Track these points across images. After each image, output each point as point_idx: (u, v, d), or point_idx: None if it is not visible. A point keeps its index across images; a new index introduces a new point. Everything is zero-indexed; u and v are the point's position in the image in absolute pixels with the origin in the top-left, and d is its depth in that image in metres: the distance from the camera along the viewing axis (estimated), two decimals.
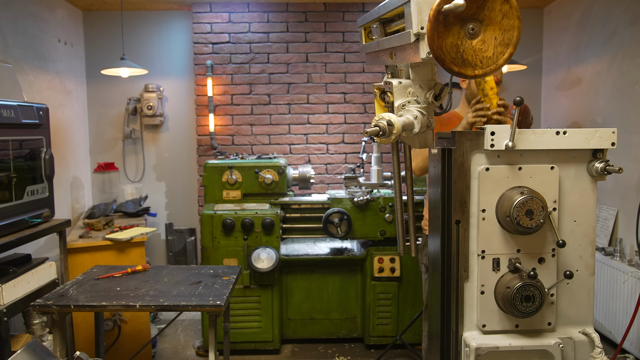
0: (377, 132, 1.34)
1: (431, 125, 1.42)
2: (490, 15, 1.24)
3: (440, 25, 1.21)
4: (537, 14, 4.55)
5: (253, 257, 3.41)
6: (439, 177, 2.05)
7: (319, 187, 4.45)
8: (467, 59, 1.25)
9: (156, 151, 4.60)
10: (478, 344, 1.92)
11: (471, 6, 1.22)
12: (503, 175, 1.88)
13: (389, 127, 1.33)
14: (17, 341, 2.55)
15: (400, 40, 1.37)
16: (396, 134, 1.34)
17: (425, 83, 1.38)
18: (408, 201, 1.75)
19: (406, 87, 1.45)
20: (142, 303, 2.20)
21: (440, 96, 1.35)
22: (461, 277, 2.02)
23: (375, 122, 1.36)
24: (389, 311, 3.54)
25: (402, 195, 1.79)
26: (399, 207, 1.74)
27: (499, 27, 1.25)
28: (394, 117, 1.34)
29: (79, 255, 3.26)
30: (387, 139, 1.36)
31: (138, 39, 4.48)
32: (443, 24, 1.21)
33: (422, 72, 1.39)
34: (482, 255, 1.95)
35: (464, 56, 1.25)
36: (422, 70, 1.39)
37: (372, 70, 4.45)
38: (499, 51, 1.23)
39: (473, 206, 1.94)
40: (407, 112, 1.43)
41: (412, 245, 1.70)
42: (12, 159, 2.50)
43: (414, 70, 1.38)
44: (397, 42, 1.40)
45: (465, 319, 2.02)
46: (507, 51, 1.24)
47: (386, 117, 1.34)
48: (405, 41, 1.33)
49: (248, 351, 3.58)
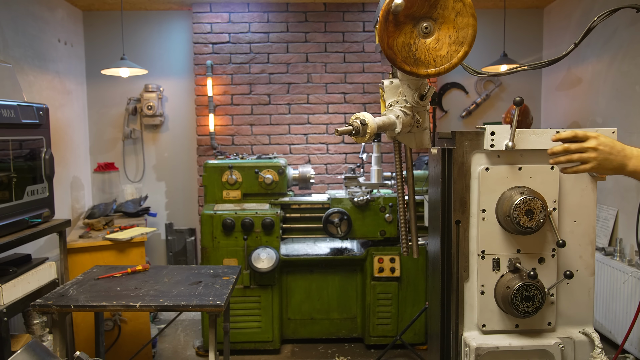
0: (350, 131, 1.35)
1: (421, 125, 1.42)
2: (443, 13, 1.24)
3: (391, 25, 1.21)
4: (537, 14, 4.55)
5: (253, 257, 3.41)
6: (439, 177, 2.05)
7: (319, 187, 4.46)
8: (419, 58, 1.25)
9: (156, 151, 4.60)
10: (478, 344, 1.92)
11: (423, 5, 1.22)
12: (503, 175, 1.88)
13: (363, 126, 1.34)
14: (17, 341, 2.55)
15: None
16: (370, 133, 1.34)
17: (412, 82, 1.39)
18: (409, 201, 1.74)
19: (397, 87, 1.47)
20: (142, 303, 2.20)
21: (426, 96, 1.35)
22: (461, 277, 2.02)
23: (350, 122, 1.38)
24: (389, 311, 3.54)
25: (405, 195, 1.79)
26: (401, 208, 1.74)
27: (453, 25, 1.25)
28: (369, 116, 1.35)
29: (79, 255, 3.26)
30: (362, 138, 1.37)
31: (138, 39, 4.48)
32: (393, 23, 1.21)
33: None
34: (482, 255, 1.95)
35: (417, 55, 1.25)
36: None
37: (372, 70, 4.45)
38: (454, 49, 1.24)
39: (473, 206, 1.95)
40: (390, 111, 1.44)
41: (414, 247, 1.69)
42: (12, 159, 2.50)
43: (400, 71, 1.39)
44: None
45: (465, 319, 2.02)
46: (462, 49, 1.24)
47: (360, 117, 1.35)
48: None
49: (248, 351, 3.58)
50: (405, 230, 1.72)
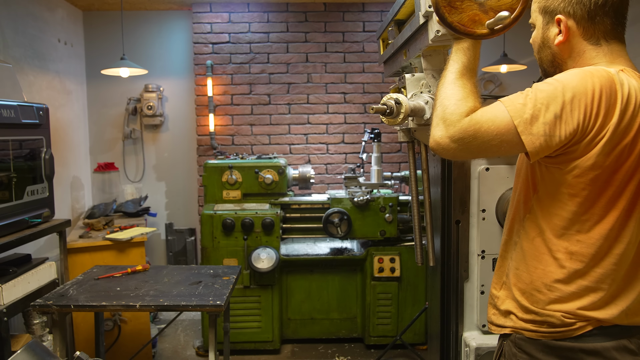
0: (385, 110, 1.32)
1: None
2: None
3: (453, 12, 1.16)
4: None
5: (253, 257, 3.41)
6: (439, 177, 2.05)
7: (319, 187, 4.46)
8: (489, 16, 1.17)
9: (156, 151, 4.60)
10: (478, 344, 1.92)
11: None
12: (503, 175, 1.88)
13: (397, 105, 1.31)
14: (17, 341, 2.55)
15: (411, 28, 1.37)
16: (404, 113, 1.31)
17: (437, 72, 1.37)
18: (425, 206, 1.60)
19: (419, 80, 1.44)
20: (142, 303, 2.20)
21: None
22: (461, 277, 2.02)
23: (383, 101, 1.34)
24: (389, 311, 3.54)
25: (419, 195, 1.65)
26: (416, 213, 1.62)
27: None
28: (403, 97, 1.32)
29: (79, 255, 3.26)
30: (395, 120, 1.33)
31: (138, 39, 4.48)
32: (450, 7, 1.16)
33: (434, 61, 1.38)
34: (482, 255, 1.95)
35: (486, 16, 1.17)
36: (433, 59, 1.38)
37: (372, 70, 4.45)
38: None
39: (473, 206, 1.95)
40: (418, 97, 1.40)
41: (430, 254, 1.58)
42: (12, 159, 2.50)
43: (426, 59, 1.37)
44: (409, 32, 1.40)
45: (465, 319, 2.02)
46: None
47: (394, 96, 1.32)
48: (415, 26, 1.32)
49: (248, 351, 3.58)
50: (419, 237, 1.63)
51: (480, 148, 1.14)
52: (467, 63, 1.21)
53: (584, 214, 1.15)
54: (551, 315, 1.19)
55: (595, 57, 1.21)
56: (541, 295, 1.20)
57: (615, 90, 1.09)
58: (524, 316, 1.23)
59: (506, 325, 1.28)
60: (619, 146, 1.09)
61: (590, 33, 1.20)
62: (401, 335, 3.30)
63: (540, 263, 1.21)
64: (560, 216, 1.18)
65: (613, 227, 1.15)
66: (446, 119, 1.15)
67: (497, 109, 1.13)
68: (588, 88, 1.08)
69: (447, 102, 1.16)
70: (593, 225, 1.15)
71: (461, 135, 1.12)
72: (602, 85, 1.08)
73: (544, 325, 1.20)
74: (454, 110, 1.14)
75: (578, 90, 1.08)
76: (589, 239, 1.16)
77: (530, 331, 1.22)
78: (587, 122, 1.08)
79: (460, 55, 1.22)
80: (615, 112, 1.08)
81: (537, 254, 1.22)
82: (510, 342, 1.27)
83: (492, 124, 1.11)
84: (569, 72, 1.14)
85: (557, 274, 1.19)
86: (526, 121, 1.09)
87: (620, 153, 1.10)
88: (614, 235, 1.15)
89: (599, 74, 1.10)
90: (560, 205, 1.17)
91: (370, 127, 4.11)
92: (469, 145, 1.13)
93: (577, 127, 1.08)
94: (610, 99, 1.08)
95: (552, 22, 1.24)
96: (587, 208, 1.15)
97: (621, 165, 1.11)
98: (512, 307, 1.27)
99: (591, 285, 1.17)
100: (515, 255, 1.28)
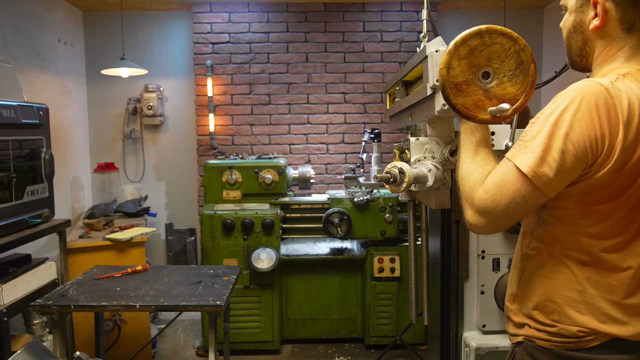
0: (388, 178, 1.34)
1: (447, 183, 1.39)
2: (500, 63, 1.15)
3: (459, 94, 1.14)
4: (537, 14, 4.55)
5: (253, 257, 3.41)
6: None
7: (319, 187, 4.46)
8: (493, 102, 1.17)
9: (156, 151, 4.60)
10: (478, 344, 1.92)
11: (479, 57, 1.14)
12: None
13: (401, 174, 1.33)
14: (17, 341, 2.55)
15: (418, 96, 1.38)
16: (407, 182, 1.33)
17: (441, 139, 1.37)
18: (422, 268, 1.56)
19: (423, 144, 1.45)
20: (142, 303, 2.20)
21: (456, 152, 1.32)
22: (461, 277, 2.03)
23: (387, 169, 1.36)
24: (389, 311, 3.54)
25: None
26: (412, 271, 1.56)
27: (510, 61, 1.14)
28: (407, 166, 1.34)
29: (79, 255, 3.26)
30: (398, 188, 1.35)
31: (138, 39, 4.48)
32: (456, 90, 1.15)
33: (438, 128, 1.39)
34: (482, 255, 1.96)
35: (490, 102, 1.17)
36: (439, 126, 1.38)
37: (372, 70, 4.45)
38: (520, 80, 1.14)
39: None
40: (422, 164, 1.42)
41: (425, 313, 1.50)
42: (12, 159, 2.50)
43: (431, 126, 1.38)
44: (415, 98, 1.42)
45: (465, 319, 2.02)
46: (528, 79, 1.13)
47: (398, 165, 1.34)
48: (422, 96, 1.34)
49: (248, 351, 3.58)
50: (416, 295, 1.59)
51: (508, 211, 1.09)
52: (477, 141, 1.21)
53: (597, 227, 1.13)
54: (565, 328, 1.17)
55: (622, 48, 1.15)
56: (555, 306, 1.19)
57: (613, 105, 1.04)
58: (538, 326, 1.22)
59: (519, 334, 1.27)
60: (631, 161, 1.06)
61: (627, 17, 1.12)
62: (401, 335, 3.31)
63: (553, 274, 1.20)
64: (573, 230, 1.16)
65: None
66: (467, 198, 1.16)
67: (504, 167, 1.11)
68: (584, 111, 1.04)
69: (463, 181, 1.18)
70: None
71: (484, 207, 1.11)
72: (597, 102, 1.04)
73: (557, 335, 1.18)
74: (471, 187, 1.15)
75: (576, 116, 1.04)
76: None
77: (543, 340, 1.20)
78: (595, 145, 1.04)
79: (469, 134, 1.22)
80: (619, 128, 1.04)
81: (550, 266, 1.20)
82: (523, 349, 1.25)
83: (505, 185, 1.09)
84: (559, 98, 1.09)
85: (571, 286, 1.17)
86: (535, 166, 1.05)
87: (632, 167, 1.07)
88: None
89: (592, 90, 1.05)
90: (573, 219, 1.15)
91: (370, 127, 4.11)
92: (497, 213, 1.10)
93: (587, 153, 1.04)
94: (610, 115, 1.04)
95: (588, 4, 1.16)
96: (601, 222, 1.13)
97: (635, 179, 1.08)
98: (525, 319, 1.25)
99: None
100: (528, 267, 1.26)
